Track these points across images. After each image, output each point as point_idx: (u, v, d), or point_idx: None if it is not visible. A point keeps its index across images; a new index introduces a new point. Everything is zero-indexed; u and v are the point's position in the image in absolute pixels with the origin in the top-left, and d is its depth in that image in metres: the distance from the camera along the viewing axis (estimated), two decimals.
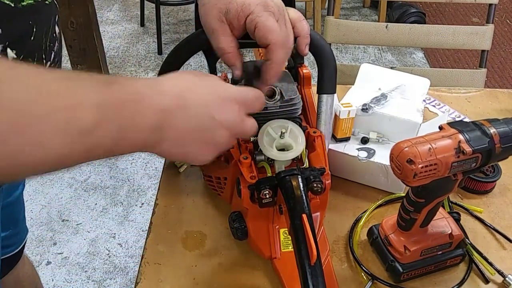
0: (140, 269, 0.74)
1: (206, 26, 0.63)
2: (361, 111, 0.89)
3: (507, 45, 3.03)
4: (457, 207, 0.85)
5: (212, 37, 0.63)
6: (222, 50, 0.62)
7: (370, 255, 0.77)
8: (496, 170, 0.88)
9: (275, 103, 0.71)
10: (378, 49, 3.00)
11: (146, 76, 2.73)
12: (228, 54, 0.63)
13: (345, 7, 3.39)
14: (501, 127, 0.64)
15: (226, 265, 0.75)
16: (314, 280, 0.55)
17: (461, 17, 3.24)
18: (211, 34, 0.63)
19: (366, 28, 1.54)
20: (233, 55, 0.63)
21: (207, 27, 0.63)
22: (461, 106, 1.08)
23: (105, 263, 1.83)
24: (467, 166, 0.63)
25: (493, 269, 0.74)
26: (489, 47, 1.51)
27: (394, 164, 0.63)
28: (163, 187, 0.87)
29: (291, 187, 0.63)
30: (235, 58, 0.63)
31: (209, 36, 0.63)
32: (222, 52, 0.63)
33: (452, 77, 1.56)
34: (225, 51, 0.63)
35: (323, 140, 0.73)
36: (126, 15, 3.24)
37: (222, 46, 0.62)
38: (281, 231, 0.73)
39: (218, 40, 0.62)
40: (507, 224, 0.83)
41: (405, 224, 0.72)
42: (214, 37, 0.63)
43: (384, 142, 0.90)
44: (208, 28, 0.63)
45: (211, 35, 0.63)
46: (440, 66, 2.85)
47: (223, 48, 0.62)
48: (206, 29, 0.64)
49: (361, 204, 0.85)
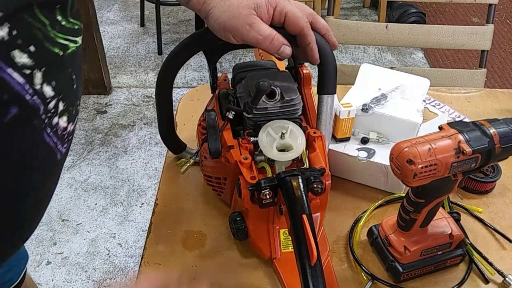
0: (140, 269, 0.74)
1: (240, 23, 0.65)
2: (361, 111, 0.89)
3: (507, 45, 3.03)
4: (457, 207, 0.85)
5: (251, 31, 0.65)
6: (268, 36, 0.66)
7: (370, 255, 0.77)
8: (496, 170, 0.88)
9: (275, 104, 0.71)
10: (378, 49, 3.00)
11: (146, 76, 2.73)
12: (275, 37, 0.66)
13: (345, 7, 3.39)
14: (501, 127, 0.64)
15: (226, 265, 0.75)
16: (314, 281, 0.55)
17: (461, 17, 3.24)
18: (249, 29, 0.65)
19: (366, 28, 1.54)
20: (279, 37, 0.67)
21: (241, 23, 0.65)
22: (461, 106, 1.08)
23: (105, 263, 1.83)
24: (467, 166, 0.63)
25: (493, 269, 0.74)
26: (489, 47, 1.51)
27: (394, 164, 0.63)
28: (163, 187, 0.87)
29: (291, 187, 0.63)
30: (282, 38, 0.67)
31: (245, 32, 0.65)
32: (269, 38, 0.66)
33: (452, 77, 1.56)
34: (272, 36, 0.66)
35: (323, 140, 0.73)
36: (126, 15, 3.24)
37: (268, 33, 0.66)
38: (281, 231, 0.74)
39: (261, 30, 0.65)
40: (507, 224, 0.83)
41: (405, 224, 0.72)
42: (254, 30, 0.65)
43: (384, 142, 0.90)
44: (243, 24, 0.65)
45: (248, 30, 0.65)
46: (440, 66, 2.84)
47: (269, 35, 0.66)
48: (239, 26, 0.65)
49: (361, 204, 0.85)
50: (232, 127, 0.75)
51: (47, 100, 0.56)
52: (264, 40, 0.65)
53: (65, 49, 0.59)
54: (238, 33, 0.65)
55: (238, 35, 0.65)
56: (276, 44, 0.66)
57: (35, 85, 0.53)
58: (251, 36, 0.65)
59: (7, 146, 0.54)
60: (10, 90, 0.50)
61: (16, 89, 0.51)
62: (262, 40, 0.65)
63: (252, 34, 0.65)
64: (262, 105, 0.71)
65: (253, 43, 0.66)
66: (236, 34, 0.65)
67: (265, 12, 0.65)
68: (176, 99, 1.00)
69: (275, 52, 0.67)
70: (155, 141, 2.34)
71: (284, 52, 0.67)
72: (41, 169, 0.56)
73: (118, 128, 2.41)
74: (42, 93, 0.55)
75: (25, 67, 0.51)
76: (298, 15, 0.66)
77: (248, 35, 0.65)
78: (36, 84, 0.53)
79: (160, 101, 0.79)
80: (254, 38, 0.65)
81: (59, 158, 0.61)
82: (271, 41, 0.66)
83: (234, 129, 0.75)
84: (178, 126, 1.00)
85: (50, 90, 0.56)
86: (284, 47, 0.67)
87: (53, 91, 0.56)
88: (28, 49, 0.51)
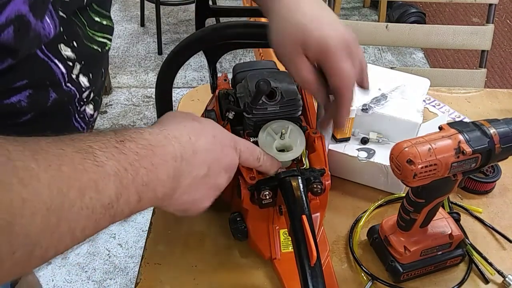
0: (140, 269, 0.74)
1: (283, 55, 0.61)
2: (361, 111, 0.89)
3: (507, 45, 3.03)
4: (457, 207, 0.85)
5: (290, 67, 0.61)
6: (304, 80, 0.61)
7: (370, 255, 0.77)
8: (496, 170, 0.88)
9: (276, 104, 0.71)
10: (378, 49, 3.00)
11: (146, 76, 2.73)
12: (311, 84, 0.61)
13: (345, 7, 3.39)
14: (501, 127, 0.64)
15: (226, 265, 0.75)
16: (314, 281, 0.55)
17: (461, 17, 3.24)
18: (289, 64, 0.61)
19: (366, 28, 1.54)
20: (316, 85, 0.61)
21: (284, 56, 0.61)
22: (461, 106, 1.08)
23: (105, 263, 1.83)
24: (467, 167, 0.63)
25: (493, 269, 0.74)
26: (489, 47, 1.51)
27: (394, 164, 0.63)
28: None
29: (291, 188, 0.63)
30: (318, 87, 0.61)
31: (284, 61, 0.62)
32: (304, 83, 0.61)
33: (452, 77, 1.56)
34: (308, 82, 0.61)
35: (323, 140, 0.73)
36: (126, 15, 3.24)
37: (305, 77, 0.60)
38: (281, 231, 0.74)
39: (299, 71, 0.60)
40: (507, 224, 0.83)
41: (405, 224, 0.72)
42: (293, 67, 0.61)
43: (384, 142, 0.90)
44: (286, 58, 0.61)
45: (288, 65, 0.61)
46: (440, 66, 2.84)
47: (305, 79, 0.60)
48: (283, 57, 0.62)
49: (361, 204, 0.85)
50: (232, 127, 0.75)
51: (83, 89, 0.62)
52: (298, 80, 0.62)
53: (104, 46, 0.65)
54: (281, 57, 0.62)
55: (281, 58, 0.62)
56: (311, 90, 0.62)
57: (73, 75, 0.59)
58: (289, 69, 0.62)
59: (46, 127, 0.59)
60: (53, 77, 0.56)
61: (58, 77, 0.57)
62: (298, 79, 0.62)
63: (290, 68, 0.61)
64: (262, 105, 0.71)
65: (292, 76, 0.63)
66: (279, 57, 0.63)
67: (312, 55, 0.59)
68: (176, 99, 1.00)
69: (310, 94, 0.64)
70: None
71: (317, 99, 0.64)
72: None
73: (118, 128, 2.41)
74: (79, 83, 0.60)
75: (68, 59, 0.57)
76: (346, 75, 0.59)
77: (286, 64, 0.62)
78: (74, 75, 0.59)
79: (160, 101, 0.79)
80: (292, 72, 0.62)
81: None
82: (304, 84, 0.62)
83: (234, 129, 0.75)
84: None
85: (86, 81, 0.62)
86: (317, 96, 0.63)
87: (88, 82, 0.62)
88: (72, 44, 0.57)
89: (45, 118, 0.59)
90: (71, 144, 0.42)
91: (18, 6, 0.47)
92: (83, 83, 0.61)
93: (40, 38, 0.52)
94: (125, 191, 0.44)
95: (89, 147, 0.43)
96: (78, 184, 0.40)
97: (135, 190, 0.45)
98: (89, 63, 0.61)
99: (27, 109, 0.56)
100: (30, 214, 0.36)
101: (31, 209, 0.36)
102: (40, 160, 0.39)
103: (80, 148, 0.42)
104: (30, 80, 0.54)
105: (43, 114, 0.58)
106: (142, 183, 0.46)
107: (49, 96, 0.57)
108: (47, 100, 0.57)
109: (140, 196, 0.46)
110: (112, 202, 0.43)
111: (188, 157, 0.52)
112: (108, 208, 0.42)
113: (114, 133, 0.46)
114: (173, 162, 0.50)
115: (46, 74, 0.56)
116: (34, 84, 0.55)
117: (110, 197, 0.42)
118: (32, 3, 0.48)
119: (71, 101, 0.61)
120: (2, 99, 0.54)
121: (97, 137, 0.45)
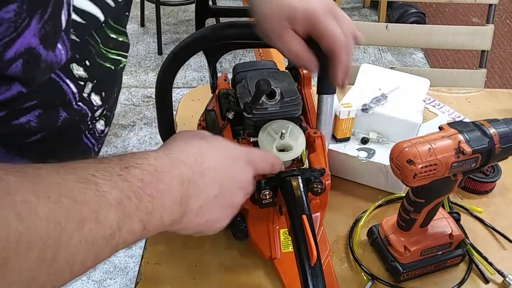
0: (140, 269, 0.74)
1: (270, 32, 0.62)
2: (361, 111, 0.89)
3: (507, 45, 3.03)
4: (457, 207, 0.85)
5: (279, 42, 0.62)
6: (295, 53, 0.62)
7: (370, 255, 0.77)
8: (496, 170, 0.88)
9: (275, 104, 0.71)
10: (378, 49, 3.00)
11: (146, 76, 2.73)
12: (303, 55, 0.62)
13: (345, 7, 3.39)
14: (501, 127, 0.64)
15: (226, 265, 0.75)
16: (314, 281, 0.55)
17: (461, 17, 3.24)
18: (278, 40, 0.62)
19: (366, 28, 1.54)
20: (307, 55, 0.63)
21: (272, 32, 0.62)
22: (461, 106, 1.08)
23: (105, 263, 1.83)
24: (467, 166, 0.63)
25: (493, 269, 0.74)
26: (489, 47, 1.51)
27: (394, 164, 0.63)
28: None
29: (291, 187, 0.63)
30: (310, 57, 0.63)
31: (272, 38, 0.63)
32: (295, 55, 0.62)
33: (452, 77, 1.56)
34: (299, 54, 0.62)
35: (323, 140, 0.73)
36: None
37: (295, 49, 0.62)
38: (281, 231, 0.74)
39: (289, 45, 0.61)
40: (507, 224, 0.83)
41: (405, 224, 0.72)
42: (282, 42, 0.62)
43: (384, 142, 0.90)
44: (273, 34, 0.62)
45: (277, 40, 0.62)
46: (440, 66, 2.84)
47: (296, 51, 0.62)
48: (270, 34, 0.63)
49: (361, 204, 0.85)
50: (232, 127, 0.75)
51: (95, 108, 0.60)
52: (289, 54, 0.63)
53: (118, 64, 0.63)
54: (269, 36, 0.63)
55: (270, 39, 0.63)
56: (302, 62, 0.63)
57: (84, 94, 0.57)
58: (279, 46, 0.63)
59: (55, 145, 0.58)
60: (64, 97, 0.55)
61: (68, 97, 0.55)
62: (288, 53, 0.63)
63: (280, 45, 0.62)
64: (262, 105, 0.71)
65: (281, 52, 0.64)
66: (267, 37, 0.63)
67: (300, 26, 0.61)
68: (176, 99, 1.00)
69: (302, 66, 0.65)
70: (155, 141, 2.34)
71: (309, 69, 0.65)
72: None
73: (118, 128, 2.41)
74: (91, 102, 0.59)
75: (80, 79, 0.56)
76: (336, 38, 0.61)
77: (276, 43, 0.62)
78: (85, 94, 0.57)
79: (160, 101, 0.79)
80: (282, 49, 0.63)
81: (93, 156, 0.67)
82: (295, 58, 0.63)
83: (234, 129, 0.75)
84: (178, 126, 1.00)
85: (99, 100, 0.60)
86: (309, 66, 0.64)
87: (101, 100, 0.61)
88: (84, 63, 0.56)
89: (55, 137, 0.58)
90: (73, 172, 0.41)
91: (28, 40, 0.45)
92: (95, 101, 0.60)
93: (52, 65, 0.51)
94: (128, 220, 0.43)
95: (92, 176, 0.42)
96: (77, 216, 0.39)
97: (139, 218, 0.44)
98: (101, 82, 0.60)
99: (36, 129, 0.55)
100: (25, 250, 0.35)
101: (26, 244, 0.35)
102: (39, 192, 0.37)
103: (82, 177, 0.41)
104: (39, 101, 0.53)
105: (53, 134, 0.57)
106: (147, 211, 0.44)
107: (59, 115, 0.56)
108: (57, 120, 0.56)
109: (144, 225, 0.45)
110: (113, 233, 0.41)
111: (196, 179, 0.50)
112: (109, 239, 0.41)
113: (119, 159, 0.45)
114: (179, 187, 0.48)
115: (57, 95, 0.54)
116: (43, 105, 0.54)
117: (112, 227, 0.41)
118: (43, 36, 0.46)
119: (82, 120, 0.60)
120: (10, 119, 0.52)
121: (101, 165, 0.43)
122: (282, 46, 0.62)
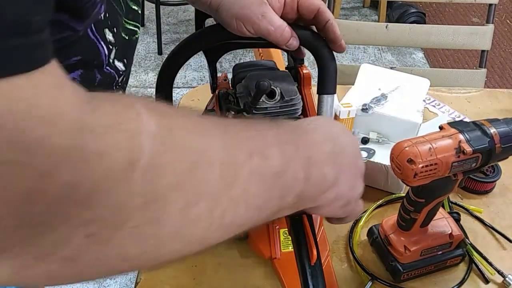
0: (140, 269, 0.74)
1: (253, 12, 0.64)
2: (361, 111, 0.89)
3: (507, 45, 3.03)
4: (457, 207, 0.85)
5: (262, 21, 0.64)
6: (280, 27, 0.64)
7: (370, 255, 0.77)
8: (496, 170, 0.88)
9: (275, 104, 0.71)
10: (378, 49, 3.00)
11: (146, 76, 2.73)
12: (286, 29, 0.65)
13: (345, 7, 3.39)
14: (501, 127, 0.64)
15: (226, 265, 0.75)
16: (314, 280, 0.54)
17: (461, 17, 3.24)
18: (261, 19, 0.64)
19: (366, 28, 1.54)
20: (289, 29, 0.65)
21: (253, 12, 0.64)
22: (461, 106, 1.08)
23: None
24: (467, 166, 0.63)
25: (493, 269, 0.74)
26: (489, 47, 1.51)
27: (395, 164, 0.63)
28: None
29: None
30: (292, 31, 0.65)
31: (257, 21, 0.64)
32: (280, 29, 0.64)
33: (452, 77, 1.56)
34: (283, 28, 0.64)
35: None
36: None
37: (279, 24, 0.64)
38: (281, 231, 0.74)
39: (272, 21, 0.64)
40: (507, 224, 0.83)
41: (405, 224, 0.72)
42: (266, 20, 0.64)
43: (384, 142, 0.90)
44: (255, 13, 0.64)
45: (260, 20, 0.64)
46: (440, 66, 2.84)
47: (281, 25, 0.64)
48: (251, 15, 0.64)
49: None
50: None
51: (120, 73, 0.64)
52: (275, 31, 0.64)
53: (133, 34, 0.68)
54: (250, 22, 0.64)
55: (250, 25, 0.64)
56: (286, 35, 0.65)
57: (111, 59, 0.61)
58: (263, 27, 0.64)
59: None
60: (99, 58, 0.59)
61: (102, 58, 0.59)
62: (274, 31, 0.64)
63: (264, 25, 0.64)
64: (262, 105, 0.71)
65: (265, 34, 0.64)
66: (248, 23, 0.64)
67: (276, 1, 0.65)
68: (176, 99, 1.00)
69: (284, 44, 0.66)
70: None
71: (292, 44, 0.66)
72: None
73: None
74: (116, 67, 0.63)
75: (110, 43, 0.60)
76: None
77: (260, 25, 0.64)
78: (111, 59, 0.61)
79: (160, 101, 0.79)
80: (266, 29, 0.64)
81: None
82: (282, 32, 0.64)
83: None
84: None
85: (122, 66, 0.65)
86: (293, 39, 0.66)
87: (124, 66, 0.65)
88: (113, 30, 0.60)
89: None
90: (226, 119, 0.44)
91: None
92: (120, 67, 0.64)
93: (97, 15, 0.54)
94: (291, 163, 0.43)
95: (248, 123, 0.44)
96: (245, 147, 0.39)
97: (300, 164, 0.44)
98: (122, 50, 0.63)
99: None
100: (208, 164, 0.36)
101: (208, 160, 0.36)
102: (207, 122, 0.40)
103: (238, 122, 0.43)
104: (82, 57, 0.56)
105: None
106: (305, 156, 0.44)
107: (96, 76, 0.60)
108: (94, 81, 0.59)
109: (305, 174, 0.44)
110: (280, 172, 0.41)
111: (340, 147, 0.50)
112: (276, 178, 0.41)
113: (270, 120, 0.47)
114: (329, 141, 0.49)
115: (94, 54, 0.58)
116: (84, 63, 0.57)
117: (277, 166, 0.41)
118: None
119: (111, 84, 0.63)
120: None
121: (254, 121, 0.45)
122: (266, 26, 0.64)
